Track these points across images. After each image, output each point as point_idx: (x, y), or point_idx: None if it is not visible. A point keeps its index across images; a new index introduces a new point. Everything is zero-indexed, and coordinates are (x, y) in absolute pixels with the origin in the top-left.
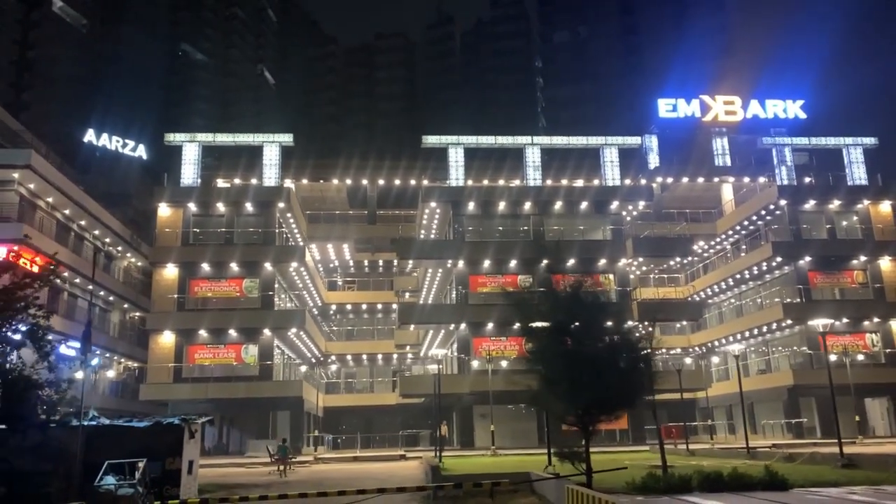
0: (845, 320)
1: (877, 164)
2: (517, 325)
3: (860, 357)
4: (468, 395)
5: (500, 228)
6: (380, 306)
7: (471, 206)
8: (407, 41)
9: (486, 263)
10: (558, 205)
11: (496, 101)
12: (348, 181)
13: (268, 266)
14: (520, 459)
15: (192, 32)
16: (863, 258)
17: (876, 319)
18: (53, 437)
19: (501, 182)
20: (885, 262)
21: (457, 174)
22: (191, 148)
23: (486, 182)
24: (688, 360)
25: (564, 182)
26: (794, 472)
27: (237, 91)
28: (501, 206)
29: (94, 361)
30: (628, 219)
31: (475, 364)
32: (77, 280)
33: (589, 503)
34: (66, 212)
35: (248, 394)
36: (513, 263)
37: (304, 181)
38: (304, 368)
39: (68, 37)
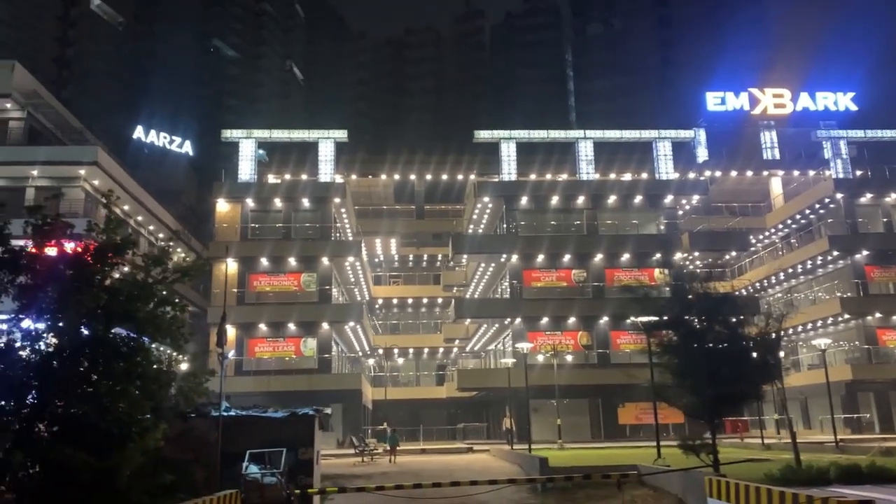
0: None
1: None
2: (636, 319)
3: None
4: (526, 388)
5: (553, 223)
6: (425, 300)
7: (524, 200)
8: (437, 35)
9: (540, 258)
10: (611, 199)
11: (526, 95)
12: (396, 176)
13: (325, 261)
14: (617, 452)
15: (222, 28)
16: None
17: None
18: (194, 426)
19: (549, 176)
20: None
21: (509, 169)
22: (247, 144)
23: (533, 176)
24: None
25: (613, 176)
26: None
27: (266, 86)
28: (554, 200)
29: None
30: (680, 213)
31: (511, 359)
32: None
33: (743, 493)
34: (126, 208)
35: (309, 387)
36: (566, 258)
37: (353, 177)
38: (357, 362)
39: (105, 34)
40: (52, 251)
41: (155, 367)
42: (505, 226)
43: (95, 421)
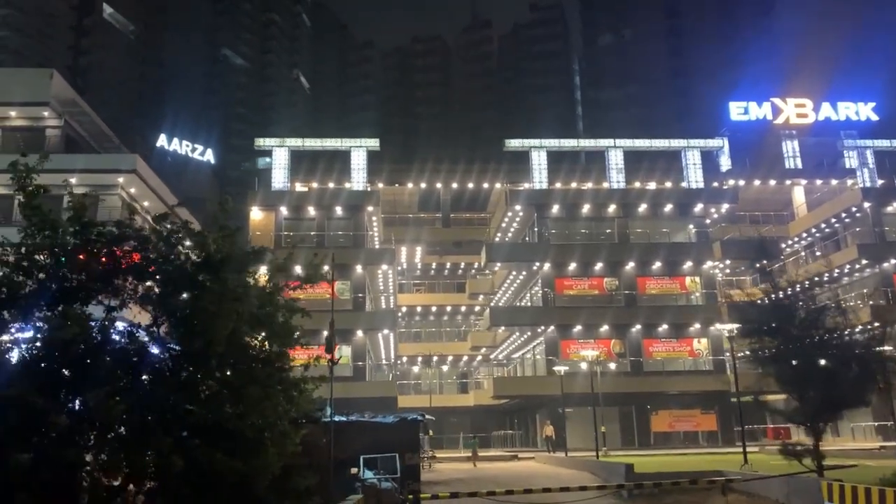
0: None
1: None
2: (744, 329)
3: None
4: (559, 396)
5: (584, 231)
6: (449, 308)
7: (555, 209)
8: (444, 44)
9: (572, 266)
10: (642, 207)
11: (535, 104)
12: (422, 185)
13: (359, 269)
14: (694, 459)
15: (231, 37)
16: None
17: None
18: (306, 432)
19: (574, 184)
20: None
21: (540, 177)
22: (281, 153)
23: (560, 185)
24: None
25: (638, 184)
26: None
27: (274, 95)
28: (585, 208)
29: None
30: (707, 221)
31: (563, 366)
32: None
33: (864, 496)
34: (136, 215)
35: (345, 394)
36: (598, 266)
37: (380, 185)
38: (381, 369)
39: (117, 43)
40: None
41: (292, 373)
42: (536, 234)
43: (239, 426)
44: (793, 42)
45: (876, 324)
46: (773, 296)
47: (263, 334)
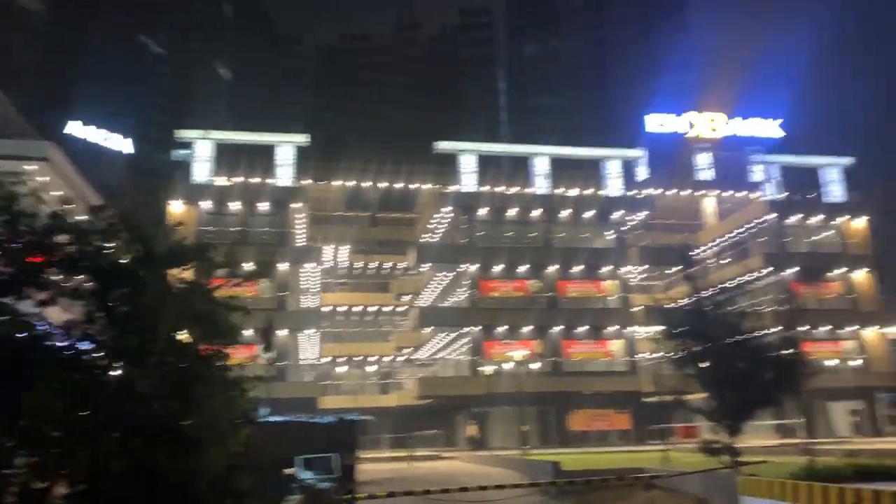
0: (826, 328)
1: (852, 181)
2: (664, 331)
3: (832, 363)
4: (482, 396)
5: (510, 234)
6: (372, 309)
7: (483, 211)
8: (372, 44)
9: (498, 268)
10: (565, 213)
11: (462, 108)
12: (351, 183)
13: (283, 267)
14: (616, 456)
15: (149, 23)
16: (841, 270)
17: (852, 328)
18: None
19: (501, 188)
20: (859, 275)
21: (469, 180)
22: (204, 145)
23: (486, 188)
24: None
25: (562, 191)
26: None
27: (194, 85)
28: (512, 212)
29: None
30: (625, 228)
31: (488, 366)
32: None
33: (779, 489)
34: (70, 206)
35: (266, 395)
36: (523, 269)
37: (307, 181)
38: (301, 370)
39: (25, 24)
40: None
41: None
42: (464, 236)
43: (181, 426)
44: (707, 59)
45: (779, 328)
46: (694, 300)
47: (204, 332)
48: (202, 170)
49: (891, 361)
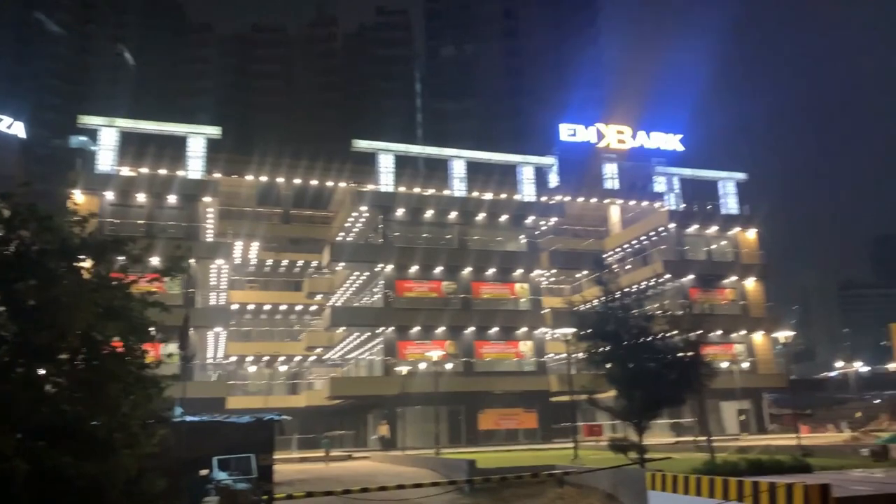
0: (719, 333)
1: (745, 195)
2: (579, 334)
3: (724, 365)
4: (395, 396)
5: (426, 235)
6: (283, 307)
7: (400, 212)
8: (286, 37)
9: (414, 269)
10: (480, 216)
11: (377, 107)
12: (263, 178)
13: (191, 262)
14: (527, 454)
15: (47, 1)
16: (733, 278)
17: (742, 333)
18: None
19: (418, 189)
20: (750, 283)
21: (386, 180)
22: (109, 133)
23: (402, 189)
24: None
25: (477, 194)
26: (773, 459)
27: (94, 69)
28: (428, 214)
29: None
30: (537, 232)
31: (402, 366)
32: None
33: (682, 483)
34: None
35: (172, 394)
36: (438, 270)
37: (218, 175)
38: (206, 369)
39: None
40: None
41: (149, 371)
42: (380, 236)
43: (90, 427)
44: (616, 74)
45: (683, 331)
46: (605, 303)
47: (120, 329)
48: (106, 159)
49: (775, 364)
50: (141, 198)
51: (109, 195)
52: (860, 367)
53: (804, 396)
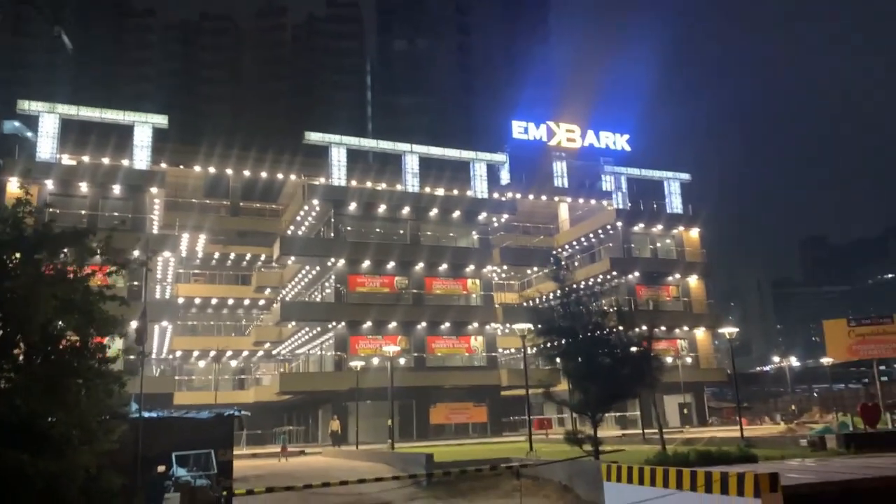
0: (662, 328)
1: (689, 195)
2: (538, 330)
3: (668, 360)
4: (346, 391)
5: (379, 230)
6: (231, 301)
7: (352, 206)
8: (235, 26)
9: (366, 264)
10: (433, 212)
11: (326, 101)
12: (211, 169)
13: (136, 255)
14: (483, 448)
15: None
16: (677, 276)
17: (684, 329)
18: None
19: (369, 184)
20: (692, 280)
21: (339, 174)
22: (49, 119)
23: (354, 183)
24: None
25: (429, 190)
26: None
27: (29, 52)
28: (381, 209)
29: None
30: (489, 229)
31: (356, 362)
32: None
33: (639, 474)
34: None
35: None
36: (391, 265)
37: (163, 165)
38: (151, 364)
39: None
40: None
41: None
42: (332, 230)
43: (47, 424)
44: (566, 72)
45: (637, 327)
46: (562, 299)
47: (80, 323)
48: (46, 146)
49: (716, 359)
50: (84, 188)
51: (50, 184)
52: (793, 362)
53: (741, 390)
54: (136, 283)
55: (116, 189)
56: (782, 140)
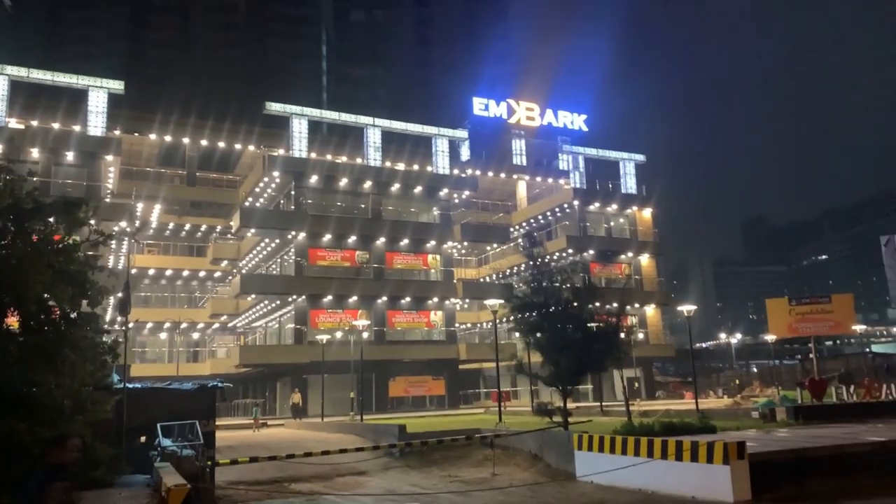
0: (615, 305)
1: (643, 176)
2: (509, 307)
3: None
4: (306, 364)
5: (340, 204)
6: (186, 273)
7: (314, 179)
8: None
9: (327, 237)
10: (395, 187)
11: (283, 69)
12: (167, 137)
13: (93, 224)
14: (452, 419)
15: None
16: (629, 254)
17: (636, 306)
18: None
19: (329, 157)
20: (644, 259)
21: (300, 145)
22: None
23: (316, 155)
24: None
25: (390, 164)
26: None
27: None
28: (343, 182)
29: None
30: (449, 205)
31: (320, 335)
32: None
33: (609, 443)
34: None
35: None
36: (352, 239)
37: (117, 132)
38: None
39: None
40: None
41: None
42: (293, 203)
43: (39, 394)
44: (524, 50)
45: (594, 303)
46: (533, 274)
47: (74, 294)
48: None
49: (664, 336)
50: (35, 153)
51: None
52: (736, 338)
53: (685, 365)
54: (91, 252)
55: (70, 156)
56: (733, 121)
